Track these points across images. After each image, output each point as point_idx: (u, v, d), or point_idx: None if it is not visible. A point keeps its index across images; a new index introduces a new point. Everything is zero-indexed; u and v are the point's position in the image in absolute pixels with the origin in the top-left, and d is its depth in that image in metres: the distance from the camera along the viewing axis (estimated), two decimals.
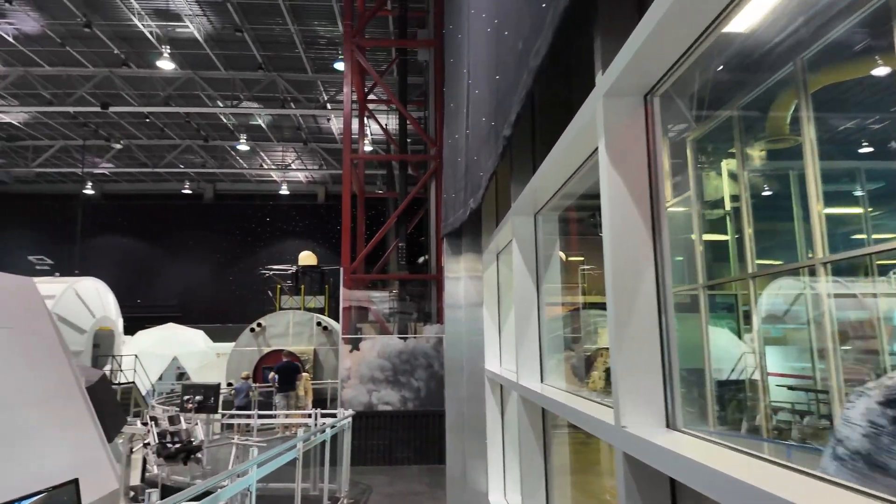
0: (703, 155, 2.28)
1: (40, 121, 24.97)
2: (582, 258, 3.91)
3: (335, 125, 25.20)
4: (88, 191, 33.04)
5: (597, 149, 2.48)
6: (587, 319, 3.72)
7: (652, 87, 2.01)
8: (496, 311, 6.27)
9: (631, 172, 2.02)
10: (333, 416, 8.96)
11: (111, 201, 34.80)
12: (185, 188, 33.72)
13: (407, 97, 13.11)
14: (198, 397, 8.70)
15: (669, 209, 2.02)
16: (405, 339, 10.13)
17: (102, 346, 18.61)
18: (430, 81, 14.08)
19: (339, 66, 17.93)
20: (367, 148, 23.77)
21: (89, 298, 18.10)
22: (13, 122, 25.07)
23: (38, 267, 22.16)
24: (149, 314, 28.87)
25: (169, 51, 18.34)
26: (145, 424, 7.70)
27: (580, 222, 3.86)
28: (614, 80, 1.94)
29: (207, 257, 34.26)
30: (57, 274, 20.05)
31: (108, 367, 18.12)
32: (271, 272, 29.19)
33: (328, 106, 22.85)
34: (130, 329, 23.56)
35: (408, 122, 12.85)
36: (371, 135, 25.80)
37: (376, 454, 10.41)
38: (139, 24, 17.46)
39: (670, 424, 1.92)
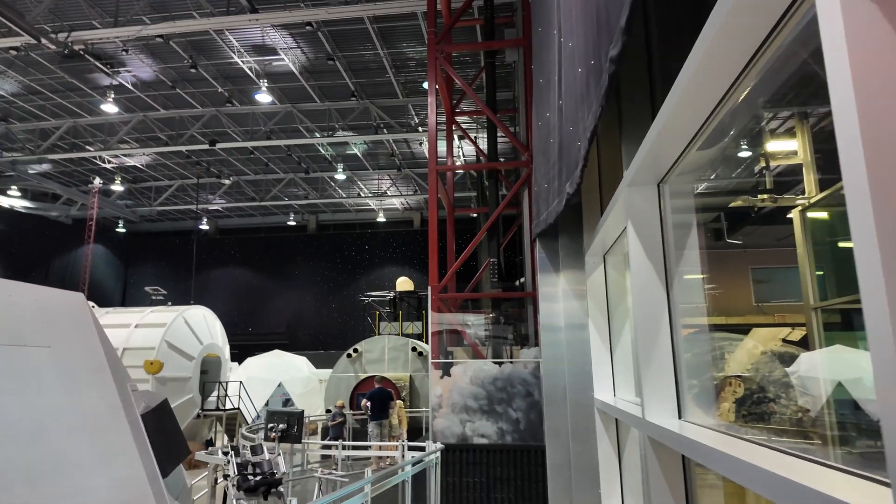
0: None
1: (159, 161, 26.97)
2: (703, 276, 3.10)
3: (427, 149, 25.03)
4: (204, 226, 35.33)
5: (775, 26, 1.46)
6: (712, 344, 3.11)
7: None
8: (605, 327, 5.16)
9: None
10: (422, 448, 8.10)
11: (225, 235, 36.97)
12: (290, 220, 35.11)
13: (496, 105, 12.36)
14: (281, 425, 8.23)
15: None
16: (500, 363, 9.13)
17: (210, 373, 19.16)
18: (521, 91, 13.27)
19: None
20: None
21: (197, 326, 18.76)
22: (137, 164, 27.30)
23: (153, 297, 23.64)
24: (259, 342, 29.94)
25: (266, 84, 18.99)
26: (226, 454, 7.28)
27: (701, 228, 2.99)
28: None
29: (312, 286, 35.28)
30: (169, 303, 21.11)
31: (214, 393, 18.59)
32: (370, 299, 29.38)
33: (420, 129, 22.72)
34: (242, 356, 24.36)
35: (498, 130, 12.06)
36: (463, 156, 25.36)
37: (473, 493, 9.38)
38: (239, 62, 18.23)
39: None
